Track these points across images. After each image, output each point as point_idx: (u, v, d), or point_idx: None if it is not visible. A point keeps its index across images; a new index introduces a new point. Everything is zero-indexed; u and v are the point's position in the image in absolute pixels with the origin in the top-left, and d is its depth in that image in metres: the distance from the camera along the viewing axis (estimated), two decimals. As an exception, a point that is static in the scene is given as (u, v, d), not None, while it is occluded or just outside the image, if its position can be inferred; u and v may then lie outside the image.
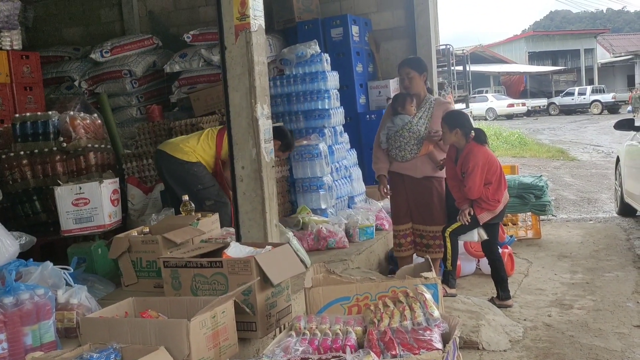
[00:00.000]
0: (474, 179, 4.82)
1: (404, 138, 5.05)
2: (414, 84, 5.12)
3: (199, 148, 5.00)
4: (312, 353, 2.69)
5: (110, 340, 2.78)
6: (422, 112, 5.13)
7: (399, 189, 5.21)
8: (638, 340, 4.24)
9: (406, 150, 5.07)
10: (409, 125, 5.05)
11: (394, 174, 5.23)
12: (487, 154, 4.97)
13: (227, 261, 3.35)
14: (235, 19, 3.74)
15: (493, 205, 4.92)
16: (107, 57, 7.60)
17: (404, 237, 5.23)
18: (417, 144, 5.06)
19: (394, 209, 5.34)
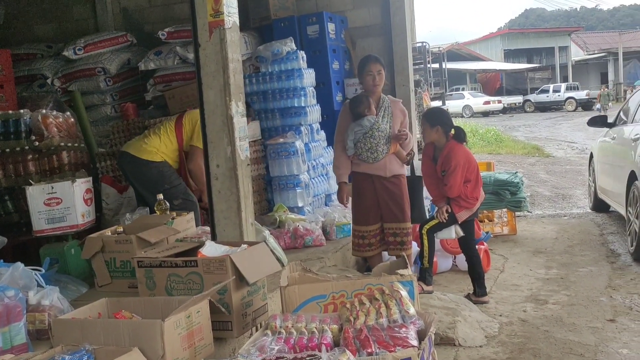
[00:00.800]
0: (455, 177, 4.84)
1: (375, 139, 4.93)
2: (381, 82, 5.03)
3: (162, 146, 4.93)
4: (288, 352, 2.68)
5: (82, 341, 2.74)
6: (383, 111, 5.02)
7: (368, 190, 5.05)
8: (611, 334, 4.30)
9: (378, 152, 4.95)
10: (377, 125, 4.93)
11: (361, 174, 5.07)
12: (467, 152, 5.01)
13: (202, 260, 3.32)
14: (209, 15, 3.70)
15: (471, 203, 4.96)
16: (80, 54, 7.48)
17: (374, 237, 5.08)
18: (387, 143, 4.96)
19: (362, 210, 5.10)
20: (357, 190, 5.12)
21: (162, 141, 4.95)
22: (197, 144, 4.77)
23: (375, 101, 5.03)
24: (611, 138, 7.60)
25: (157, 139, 4.97)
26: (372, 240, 5.11)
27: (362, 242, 5.10)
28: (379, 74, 5.02)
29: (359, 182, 5.10)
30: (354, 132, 4.96)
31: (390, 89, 7.78)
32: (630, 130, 6.81)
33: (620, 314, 4.70)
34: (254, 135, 5.88)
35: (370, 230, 5.08)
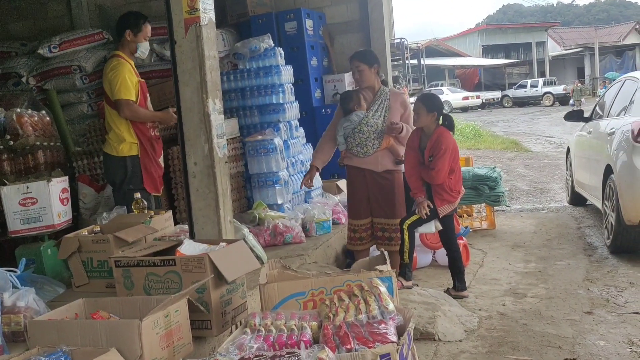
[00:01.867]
0: (444, 162, 4.86)
1: (364, 134, 4.97)
2: (364, 77, 5.05)
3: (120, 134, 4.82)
4: (267, 350, 2.67)
5: (59, 343, 2.72)
6: (378, 105, 5.04)
7: (360, 183, 5.12)
8: (588, 326, 4.34)
9: (368, 146, 4.98)
10: (365, 120, 4.97)
11: (353, 168, 5.14)
12: (455, 141, 5.04)
13: (181, 259, 3.30)
14: (185, 12, 3.68)
15: (454, 196, 4.97)
16: (55, 52, 7.37)
17: (365, 231, 5.15)
18: (378, 137, 4.98)
19: (354, 203, 5.19)
20: (350, 183, 5.20)
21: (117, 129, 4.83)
22: (117, 96, 4.72)
23: (371, 95, 5.06)
24: (587, 132, 7.67)
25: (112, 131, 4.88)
26: (363, 235, 5.16)
27: (354, 235, 5.18)
28: (359, 70, 5.03)
29: (352, 175, 5.18)
30: (343, 128, 5.02)
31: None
32: (605, 124, 6.89)
33: (597, 306, 4.75)
34: (232, 133, 5.85)
35: (362, 224, 5.14)
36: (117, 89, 4.70)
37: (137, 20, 4.93)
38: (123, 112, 4.74)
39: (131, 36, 4.88)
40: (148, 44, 5.07)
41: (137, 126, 4.82)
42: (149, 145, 4.91)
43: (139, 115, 4.81)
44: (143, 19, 4.99)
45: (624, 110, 6.66)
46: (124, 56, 4.87)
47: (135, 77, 4.83)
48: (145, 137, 4.87)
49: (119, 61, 4.80)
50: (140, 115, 4.81)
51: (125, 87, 4.71)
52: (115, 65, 4.79)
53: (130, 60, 4.91)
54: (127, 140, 4.83)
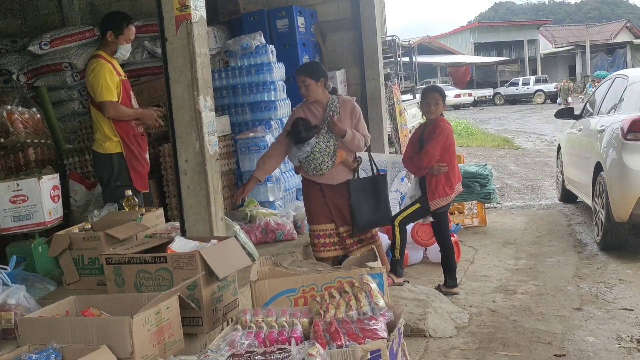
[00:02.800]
0: (435, 145, 4.92)
1: (317, 159, 4.75)
2: (310, 92, 4.79)
3: (105, 132, 4.84)
4: (258, 346, 2.68)
5: (50, 340, 2.72)
6: (325, 124, 4.79)
7: (315, 192, 4.91)
8: (578, 322, 4.38)
9: (323, 168, 4.78)
10: (317, 147, 4.74)
11: (308, 181, 4.95)
12: (451, 131, 5.13)
13: (172, 256, 3.30)
14: (176, 9, 3.68)
15: (447, 191, 4.99)
16: (46, 49, 7.35)
17: (328, 237, 4.90)
18: (331, 157, 4.78)
19: (311, 208, 4.95)
20: (306, 192, 5.02)
21: (103, 130, 4.86)
22: (100, 98, 4.74)
23: (320, 109, 4.85)
24: (578, 130, 7.72)
25: (99, 130, 4.90)
26: (326, 240, 4.92)
27: (317, 241, 4.92)
28: (305, 85, 4.79)
29: (307, 185, 5.00)
30: (296, 157, 4.83)
31: (360, 83, 7.82)
32: (595, 122, 6.93)
33: (586, 302, 4.78)
34: (223, 130, 5.85)
35: (324, 230, 4.91)
36: (99, 91, 4.73)
37: (119, 22, 4.90)
38: (108, 113, 4.78)
39: (112, 37, 4.87)
40: (130, 46, 5.05)
41: (119, 125, 4.84)
42: (135, 142, 4.92)
43: (123, 114, 4.83)
44: (127, 21, 4.95)
45: (613, 108, 6.70)
46: (105, 56, 4.88)
47: (116, 77, 4.83)
48: (129, 135, 4.89)
49: (99, 62, 4.81)
50: (125, 114, 4.84)
51: (106, 88, 4.73)
52: (95, 67, 4.80)
53: (112, 60, 4.91)
54: (112, 139, 4.86)
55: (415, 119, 11.57)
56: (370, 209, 4.93)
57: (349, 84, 7.77)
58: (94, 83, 4.76)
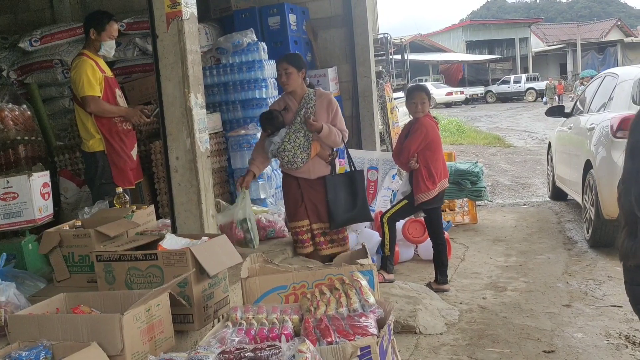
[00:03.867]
0: (414, 140, 4.99)
1: (288, 151, 4.79)
2: (291, 80, 4.83)
3: (88, 130, 4.85)
4: (249, 343, 2.68)
5: (40, 337, 2.71)
6: (302, 113, 4.83)
7: (293, 187, 4.97)
8: (567, 319, 4.41)
9: (297, 161, 4.81)
10: (287, 137, 4.79)
11: (287, 175, 5.01)
12: (435, 128, 5.15)
13: (162, 253, 3.30)
14: (167, 6, 3.67)
15: (429, 187, 5.01)
16: (36, 46, 7.31)
17: (305, 233, 4.93)
18: (305, 150, 4.80)
19: (290, 205, 5.02)
20: (284, 187, 5.08)
21: (85, 127, 4.87)
22: (81, 93, 4.75)
23: (296, 102, 4.89)
24: (568, 128, 7.75)
25: (83, 128, 4.90)
26: (304, 237, 4.95)
27: (297, 238, 4.97)
28: (287, 73, 4.83)
29: (286, 180, 5.04)
30: (270, 151, 4.85)
31: (352, 81, 7.83)
32: (585, 119, 6.96)
33: (575, 299, 4.82)
34: (215, 127, 5.85)
35: (302, 226, 4.93)
36: (81, 86, 4.75)
37: (101, 19, 4.92)
38: (89, 108, 4.78)
39: (95, 35, 4.88)
40: (113, 42, 5.05)
41: (101, 121, 4.84)
42: (118, 139, 4.91)
43: (104, 110, 4.83)
44: (108, 18, 4.97)
45: (603, 106, 6.74)
46: (89, 54, 4.89)
47: (99, 73, 4.84)
48: (112, 132, 4.88)
49: (81, 59, 4.82)
50: (106, 110, 4.84)
51: (88, 83, 4.74)
52: (77, 64, 4.82)
53: (95, 57, 4.91)
54: (95, 136, 4.86)
55: (406, 116, 11.56)
56: (348, 206, 4.97)
57: (340, 81, 7.78)
58: (76, 79, 4.78)
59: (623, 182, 2.68)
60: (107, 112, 4.82)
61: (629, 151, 2.64)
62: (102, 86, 4.81)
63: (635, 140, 2.61)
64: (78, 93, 4.78)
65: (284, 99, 5.03)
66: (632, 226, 2.62)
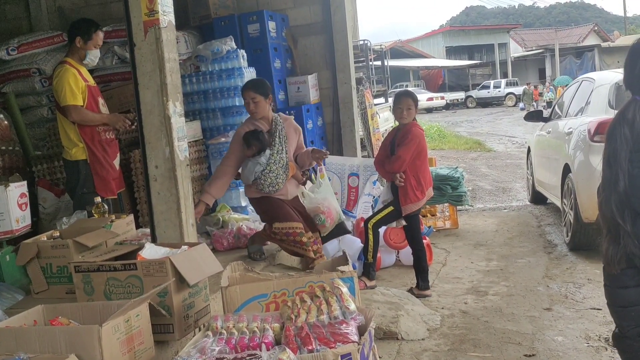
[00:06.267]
0: (407, 150, 4.97)
1: (273, 172, 4.77)
2: (259, 109, 4.83)
3: (71, 139, 4.82)
4: (229, 352, 2.67)
5: (17, 350, 2.67)
6: (277, 136, 4.86)
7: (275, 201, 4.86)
8: (547, 322, 4.44)
9: (279, 183, 4.80)
10: (272, 158, 4.79)
11: (262, 197, 4.89)
12: (423, 136, 5.18)
13: (142, 263, 3.27)
14: (144, 14, 3.65)
15: (418, 196, 5.03)
16: (13, 55, 7.23)
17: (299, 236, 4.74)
18: (285, 171, 4.84)
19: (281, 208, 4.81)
20: (262, 205, 4.92)
21: (68, 135, 4.84)
22: (63, 102, 4.72)
23: (267, 125, 4.90)
24: (547, 132, 7.82)
25: (65, 136, 4.87)
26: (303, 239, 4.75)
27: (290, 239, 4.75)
28: (254, 102, 4.83)
29: (261, 200, 4.92)
30: (254, 172, 4.79)
31: (332, 87, 7.84)
32: (564, 124, 7.03)
33: (556, 302, 4.85)
34: (194, 135, 5.82)
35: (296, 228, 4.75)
36: (63, 95, 4.72)
37: (88, 28, 4.90)
38: (71, 117, 4.76)
39: (81, 43, 4.86)
40: (98, 51, 5.04)
41: (84, 130, 4.81)
42: (100, 148, 4.88)
43: (87, 119, 4.81)
44: (95, 27, 4.95)
45: (581, 111, 6.81)
46: (72, 62, 4.86)
47: (81, 82, 4.81)
48: (95, 141, 4.85)
49: (64, 68, 4.79)
50: (89, 118, 4.81)
51: (70, 92, 4.71)
52: (59, 72, 4.79)
53: (78, 66, 4.88)
54: (78, 145, 4.83)
55: (387, 122, 11.63)
56: None
57: (320, 88, 7.79)
58: (58, 88, 4.75)
59: (603, 190, 2.71)
60: (89, 121, 4.79)
61: (606, 159, 2.68)
62: (85, 95, 4.78)
63: (612, 149, 2.65)
64: (60, 102, 4.74)
65: (251, 123, 4.95)
66: (614, 233, 2.66)
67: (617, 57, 40.50)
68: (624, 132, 2.61)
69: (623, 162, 2.58)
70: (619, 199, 2.60)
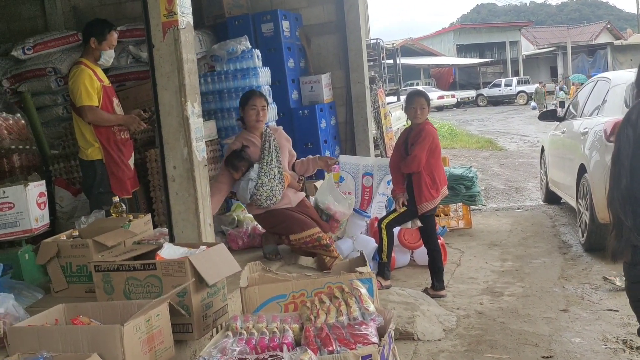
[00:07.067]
0: (422, 149, 4.97)
1: (267, 185, 4.80)
2: (265, 117, 4.99)
3: (87, 139, 4.85)
4: (250, 353, 2.68)
5: (40, 349, 2.70)
6: (268, 147, 4.89)
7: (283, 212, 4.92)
8: (564, 323, 4.42)
9: (275, 194, 4.84)
10: (263, 171, 4.82)
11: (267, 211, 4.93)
12: (437, 135, 5.19)
13: (161, 263, 3.30)
14: (163, 16, 3.67)
15: (433, 195, 5.03)
16: (29, 54, 7.29)
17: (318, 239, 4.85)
18: (280, 181, 4.87)
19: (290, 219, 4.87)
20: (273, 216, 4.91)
21: (84, 136, 4.87)
22: (79, 103, 4.75)
23: (258, 137, 4.95)
24: (561, 132, 7.79)
25: (81, 137, 4.90)
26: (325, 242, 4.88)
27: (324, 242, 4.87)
28: (263, 109, 4.92)
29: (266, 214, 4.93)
30: (248, 190, 4.80)
31: (345, 86, 7.85)
32: (579, 124, 7.00)
33: (572, 303, 4.83)
34: (210, 135, 5.84)
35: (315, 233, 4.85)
36: (79, 96, 4.75)
37: (102, 29, 4.93)
38: (87, 117, 4.79)
39: (95, 44, 4.89)
40: (113, 52, 5.07)
41: (99, 130, 4.85)
42: (116, 148, 4.91)
43: (102, 119, 4.84)
44: (109, 27, 4.98)
45: (597, 110, 6.77)
46: (87, 63, 4.89)
47: (97, 82, 4.84)
48: (110, 141, 4.89)
49: (79, 68, 4.82)
50: (104, 119, 4.85)
51: (86, 93, 4.74)
52: (75, 73, 4.82)
53: (94, 66, 4.92)
54: (94, 145, 4.87)
55: (399, 121, 11.62)
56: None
57: (334, 87, 7.79)
58: (74, 88, 4.78)
59: (609, 186, 2.77)
60: (105, 121, 4.82)
61: (613, 157, 2.75)
62: (101, 95, 4.81)
63: (617, 148, 2.70)
64: (76, 102, 4.77)
65: (242, 137, 4.99)
66: (619, 228, 2.72)
67: (630, 55, 40.25)
68: (628, 133, 2.66)
69: (625, 160, 2.64)
70: (622, 195, 2.67)
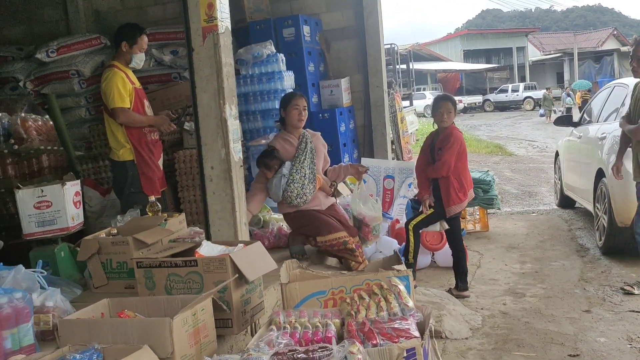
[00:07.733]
0: (450, 154, 5.07)
1: (297, 182, 4.85)
2: (306, 118, 5.05)
3: (119, 140, 4.97)
4: (295, 346, 2.77)
5: (90, 341, 2.79)
6: (304, 147, 4.96)
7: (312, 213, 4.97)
8: (588, 324, 4.50)
9: (306, 194, 4.88)
10: (294, 168, 4.88)
11: (297, 212, 4.99)
12: (463, 139, 5.34)
13: (202, 260, 3.39)
14: (203, 21, 3.77)
15: (461, 198, 5.12)
16: (53, 57, 7.40)
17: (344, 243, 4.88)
18: (312, 181, 4.92)
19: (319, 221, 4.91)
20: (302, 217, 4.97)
21: (115, 136, 4.99)
22: (112, 105, 4.87)
23: (295, 138, 5.03)
24: (577, 137, 7.87)
25: (113, 137, 5.02)
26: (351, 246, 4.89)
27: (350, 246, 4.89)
28: (305, 109, 4.99)
29: (296, 215, 5.00)
30: (280, 187, 4.87)
31: (364, 90, 7.95)
32: (596, 129, 7.08)
33: (594, 305, 4.91)
34: (236, 137, 5.94)
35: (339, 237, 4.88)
36: (112, 98, 4.88)
37: (133, 33, 5.09)
38: (119, 119, 4.92)
39: (127, 47, 5.03)
40: (143, 55, 5.21)
41: (131, 132, 4.97)
42: (147, 149, 5.03)
43: (134, 121, 4.97)
44: (140, 31, 5.13)
45: (615, 114, 6.85)
46: (119, 66, 5.02)
47: (129, 85, 4.97)
48: (142, 142, 5.02)
49: (112, 71, 4.96)
50: (136, 120, 4.98)
51: (118, 95, 4.87)
52: (108, 75, 4.95)
53: (125, 69, 5.05)
54: (125, 146, 4.99)
55: (413, 125, 11.71)
56: None
57: (352, 91, 7.89)
58: (107, 90, 4.91)
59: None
60: (136, 122, 4.94)
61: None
62: (132, 97, 4.93)
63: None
64: (108, 104, 4.89)
65: (281, 137, 5.08)
66: None
67: (637, 61, 40.14)
68: None
69: None
70: None
